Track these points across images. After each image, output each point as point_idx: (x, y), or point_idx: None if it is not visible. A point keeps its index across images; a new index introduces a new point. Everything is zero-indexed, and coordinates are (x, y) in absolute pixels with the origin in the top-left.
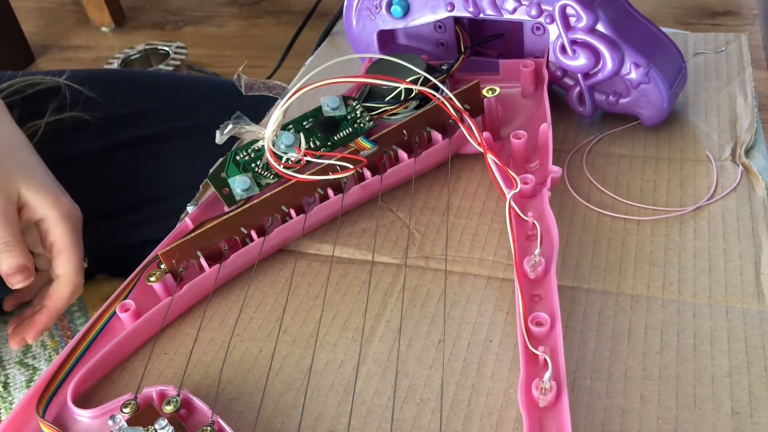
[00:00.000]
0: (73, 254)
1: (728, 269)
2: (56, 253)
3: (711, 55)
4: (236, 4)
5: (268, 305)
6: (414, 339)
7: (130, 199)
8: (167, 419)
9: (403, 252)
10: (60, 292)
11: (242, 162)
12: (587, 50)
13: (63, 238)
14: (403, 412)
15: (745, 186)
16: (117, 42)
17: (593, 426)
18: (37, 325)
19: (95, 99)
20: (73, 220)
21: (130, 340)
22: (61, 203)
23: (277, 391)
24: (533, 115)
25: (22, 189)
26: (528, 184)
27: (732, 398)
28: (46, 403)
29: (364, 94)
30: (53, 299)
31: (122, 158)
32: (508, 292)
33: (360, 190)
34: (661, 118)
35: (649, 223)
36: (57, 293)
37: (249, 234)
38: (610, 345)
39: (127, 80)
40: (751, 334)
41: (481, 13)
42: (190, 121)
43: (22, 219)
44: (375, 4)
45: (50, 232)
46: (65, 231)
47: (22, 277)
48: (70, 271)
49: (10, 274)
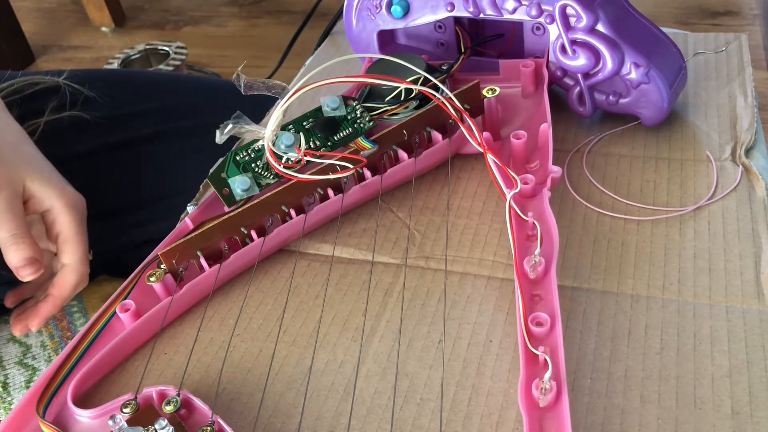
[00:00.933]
0: (79, 243)
1: (728, 269)
2: (62, 242)
3: (711, 55)
4: (236, 4)
5: (268, 305)
6: (414, 339)
7: (130, 199)
8: (167, 419)
9: (403, 252)
10: (66, 280)
11: (242, 162)
12: (587, 50)
13: (69, 227)
14: (403, 412)
15: (745, 186)
16: (117, 42)
17: (593, 426)
18: (41, 313)
19: (95, 99)
20: (78, 209)
21: (130, 340)
22: (67, 193)
23: (277, 391)
24: (533, 115)
25: (27, 181)
26: (528, 184)
27: (732, 398)
28: (46, 403)
29: (364, 94)
30: (59, 288)
31: (122, 158)
32: (508, 292)
33: (360, 190)
34: (661, 118)
35: (649, 223)
36: (63, 282)
37: (249, 234)
38: (610, 345)
39: (127, 80)
40: (751, 334)
41: (481, 13)
42: (190, 121)
43: (28, 211)
44: (375, 4)
45: (56, 221)
46: (71, 220)
47: (32, 269)
48: (76, 260)
49: (21, 266)
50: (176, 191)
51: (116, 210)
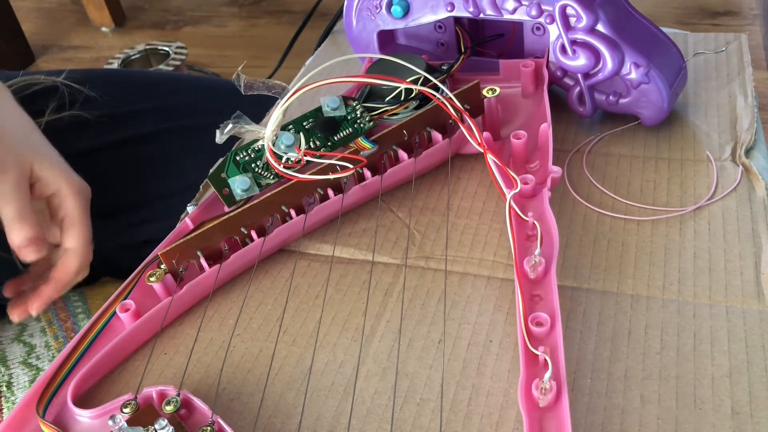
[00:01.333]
0: (84, 227)
1: (728, 269)
2: (68, 225)
3: (711, 55)
4: (236, 4)
5: (268, 305)
6: (414, 339)
7: (130, 199)
8: (167, 419)
9: (403, 252)
10: (69, 264)
11: (242, 162)
12: (587, 50)
13: (75, 211)
14: (403, 412)
15: (745, 186)
16: (117, 42)
17: (593, 426)
18: (43, 295)
19: (95, 98)
20: (83, 196)
21: (130, 340)
22: (73, 180)
23: (277, 391)
24: (533, 115)
25: (35, 164)
26: (528, 184)
27: (732, 398)
28: (46, 403)
29: (364, 94)
30: (61, 271)
31: (122, 158)
32: (508, 292)
33: (360, 190)
34: (661, 118)
35: (649, 223)
36: (66, 265)
37: (249, 234)
38: (610, 345)
39: (127, 80)
40: (751, 334)
41: (481, 13)
42: (190, 120)
43: (35, 194)
44: (375, 4)
45: (62, 205)
46: (77, 205)
47: (34, 248)
48: (80, 245)
49: (23, 246)
50: (176, 191)
51: (116, 209)
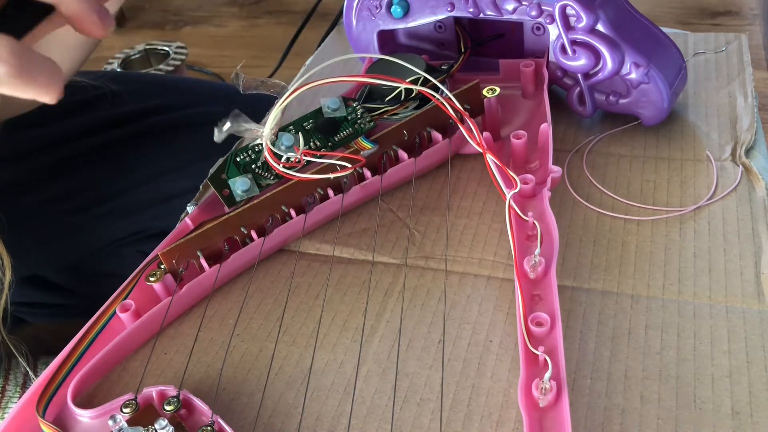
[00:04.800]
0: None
1: (728, 269)
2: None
3: (711, 55)
4: (236, 4)
5: (268, 305)
6: (414, 339)
7: (129, 199)
8: (167, 419)
9: (403, 252)
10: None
11: (242, 163)
12: (587, 50)
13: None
14: (403, 412)
15: (745, 186)
16: (117, 42)
17: (593, 426)
18: None
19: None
20: None
21: (130, 340)
22: None
23: (277, 391)
24: (533, 115)
25: None
26: (528, 184)
27: (732, 398)
28: (46, 403)
29: (364, 94)
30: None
31: (122, 157)
32: (508, 292)
33: (360, 190)
34: (661, 118)
35: (649, 223)
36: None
37: (249, 234)
38: (610, 345)
39: (126, 80)
40: (751, 334)
41: (481, 13)
42: (189, 120)
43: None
44: (375, 4)
45: None
46: None
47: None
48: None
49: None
50: (176, 191)
51: (116, 209)
